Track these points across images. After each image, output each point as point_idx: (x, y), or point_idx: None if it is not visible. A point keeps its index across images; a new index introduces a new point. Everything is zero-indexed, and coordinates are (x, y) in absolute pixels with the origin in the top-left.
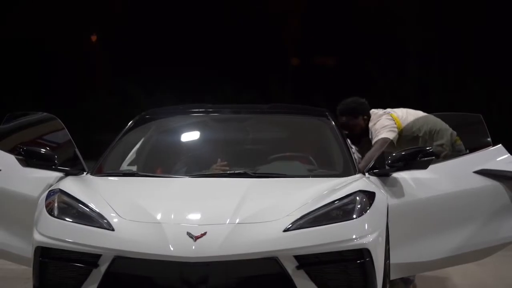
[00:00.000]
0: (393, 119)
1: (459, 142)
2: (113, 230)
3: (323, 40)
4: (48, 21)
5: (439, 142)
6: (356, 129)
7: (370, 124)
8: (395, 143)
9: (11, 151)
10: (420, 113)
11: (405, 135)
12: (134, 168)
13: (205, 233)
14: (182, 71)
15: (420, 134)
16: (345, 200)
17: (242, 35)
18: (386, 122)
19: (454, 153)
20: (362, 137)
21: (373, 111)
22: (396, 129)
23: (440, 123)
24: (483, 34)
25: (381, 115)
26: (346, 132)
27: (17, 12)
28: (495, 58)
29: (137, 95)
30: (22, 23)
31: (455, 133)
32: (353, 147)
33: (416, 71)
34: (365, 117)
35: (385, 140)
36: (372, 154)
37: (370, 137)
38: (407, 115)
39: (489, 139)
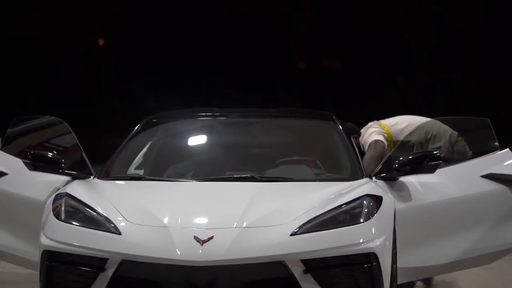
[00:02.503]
0: (380, 126)
1: (462, 142)
2: (120, 234)
3: (330, 44)
4: (56, 24)
5: (436, 145)
6: None
7: (360, 138)
8: (386, 145)
9: (18, 154)
10: (417, 119)
11: (396, 140)
12: (141, 172)
13: (212, 237)
14: (188, 74)
15: (413, 139)
16: (352, 204)
17: (249, 39)
18: (372, 129)
19: (454, 154)
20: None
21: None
22: (384, 133)
23: (439, 126)
24: (490, 37)
25: (369, 126)
26: None
27: (24, 15)
28: (502, 61)
29: (144, 98)
30: (29, 26)
31: (455, 133)
32: None
33: (422, 75)
34: (356, 135)
35: (375, 141)
36: (369, 158)
37: (362, 149)
38: (398, 120)
39: (496, 143)
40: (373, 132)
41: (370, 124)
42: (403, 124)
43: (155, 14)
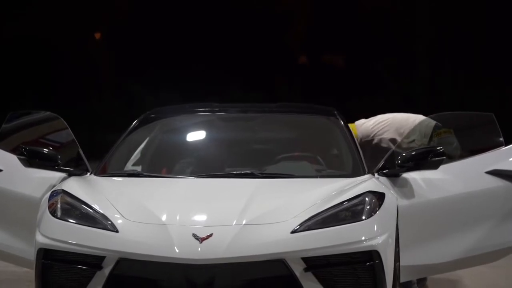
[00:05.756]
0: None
1: (444, 135)
2: (117, 231)
3: (331, 40)
4: (54, 21)
5: (410, 139)
6: None
7: None
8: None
9: (13, 151)
10: (394, 116)
11: (366, 140)
12: (138, 168)
13: (211, 235)
14: (188, 71)
15: (387, 136)
16: (354, 201)
17: (249, 35)
18: None
19: (440, 145)
20: None
21: None
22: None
23: (413, 120)
24: (494, 34)
25: None
26: None
27: (23, 12)
28: (506, 57)
29: (143, 96)
30: (28, 23)
31: (436, 126)
32: None
33: (426, 71)
34: None
35: None
36: None
37: None
38: (377, 119)
39: (501, 138)
40: None
41: None
42: (371, 121)
43: (155, 10)
